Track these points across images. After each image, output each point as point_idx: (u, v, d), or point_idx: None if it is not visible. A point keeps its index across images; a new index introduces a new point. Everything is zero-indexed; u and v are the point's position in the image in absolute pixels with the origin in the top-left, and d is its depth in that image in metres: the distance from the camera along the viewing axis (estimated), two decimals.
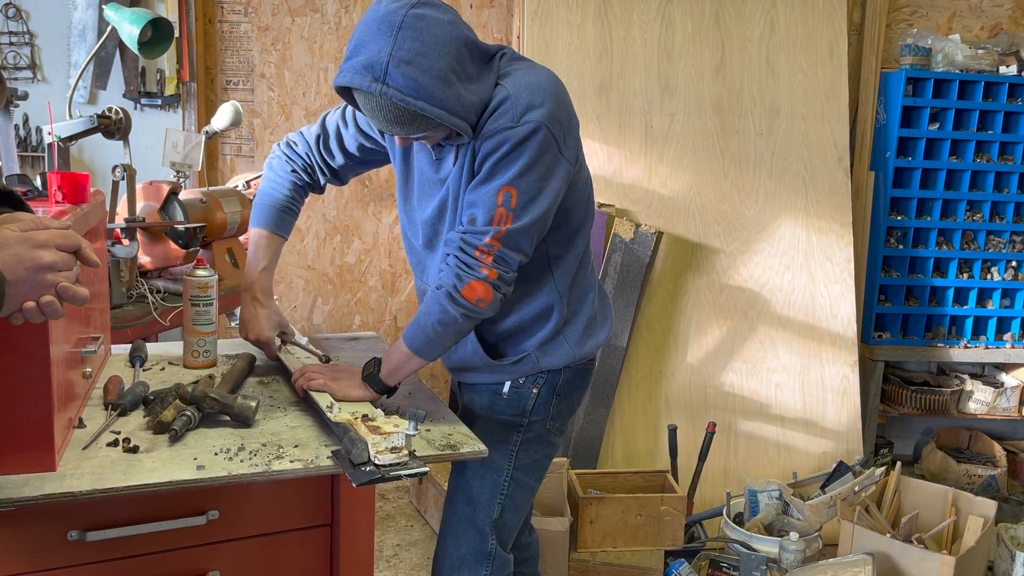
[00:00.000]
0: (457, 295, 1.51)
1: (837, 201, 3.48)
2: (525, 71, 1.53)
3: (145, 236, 2.45)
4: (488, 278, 1.51)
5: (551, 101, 1.50)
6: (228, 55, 3.53)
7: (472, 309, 1.52)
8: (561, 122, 1.51)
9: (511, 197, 1.48)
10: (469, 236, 1.51)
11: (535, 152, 1.47)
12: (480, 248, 1.50)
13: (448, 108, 1.41)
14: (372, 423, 1.36)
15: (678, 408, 3.33)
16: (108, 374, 1.60)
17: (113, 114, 2.33)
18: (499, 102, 1.48)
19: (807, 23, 3.51)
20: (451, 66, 1.41)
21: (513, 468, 1.74)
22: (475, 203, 1.51)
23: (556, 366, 1.72)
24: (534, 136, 1.46)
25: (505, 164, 1.48)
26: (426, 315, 1.54)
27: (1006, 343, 3.75)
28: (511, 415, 1.74)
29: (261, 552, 1.39)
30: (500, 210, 1.49)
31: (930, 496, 2.94)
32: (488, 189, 1.50)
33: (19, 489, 1.16)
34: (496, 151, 1.48)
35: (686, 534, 2.83)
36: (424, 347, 1.56)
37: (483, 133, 1.49)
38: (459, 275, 1.51)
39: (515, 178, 1.48)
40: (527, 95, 1.48)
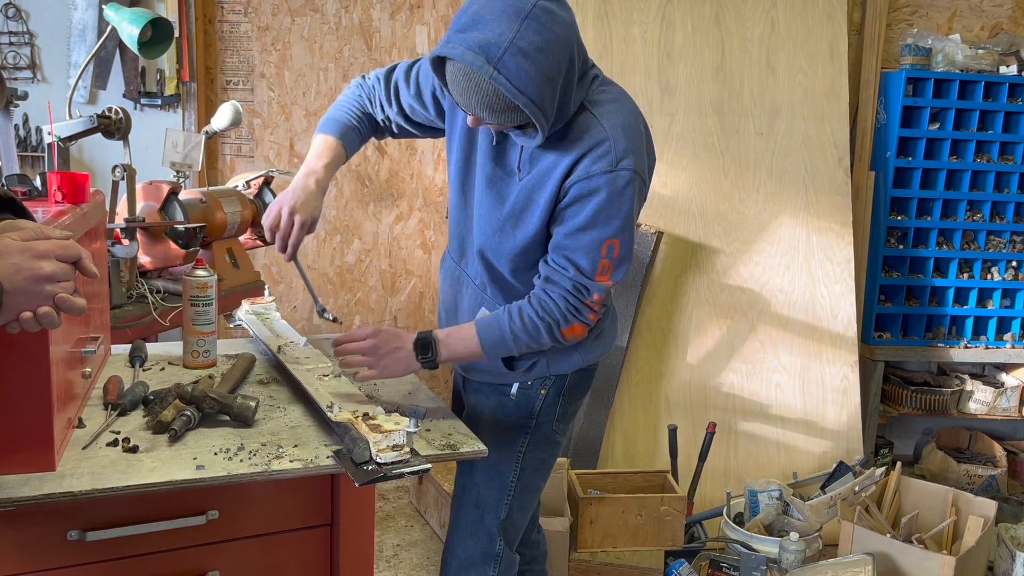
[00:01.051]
0: (558, 332, 1.58)
1: (837, 201, 3.48)
2: (617, 106, 1.54)
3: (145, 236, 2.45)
4: (591, 324, 1.60)
5: (643, 146, 1.54)
6: (228, 55, 3.53)
7: (562, 342, 1.60)
8: (645, 164, 1.56)
9: (614, 249, 1.53)
10: (581, 288, 1.55)
11: (632, 201, 1.52)
12: (590, 301, 1.56)
13: (544, 110, 1.40)
14: (373, 421, 1.36)
15: (678, 408, 3.33)
16: (108, 374, 1.60)
17: (113, 114, 2.33)
18: (596, 142, 1.49)
19: (807, 23, 3.51)
20: (561, 69, 1.39)
21: (520, 470, 1.75)
22: (578, 251, 1.54)
23: (565, 371, 1.73)
24: (630, 185, 1.50)
25: (607, 214, 1.50)
26: (516, 330, 1.58)
27: (1006, 343, 3.75)
28: (519, 417, 1.74)
29: (261, 552, 1.39)
30: (604, 261, 1.53)
31: (930, 496, 2.94)
32: (592, 238, 1.52)
33: (19, 489, 1.16)
34: (593, 196, 1.49)
35: (686, 534, 2.83)
36: (496, 352, 1.61)
37: (578, 171, 1.50)
38: (566, 316, 1.56)
39: (619, 231, 1.52)
40: (624, 140, 1.50)
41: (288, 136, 3.61)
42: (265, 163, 3.60)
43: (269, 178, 3.02)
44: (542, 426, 1.75)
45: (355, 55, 3.59)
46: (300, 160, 3.62)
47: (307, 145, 3.62)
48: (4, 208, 1.13)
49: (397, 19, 3.60)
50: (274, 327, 1.95)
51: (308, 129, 3.61)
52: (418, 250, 3.79)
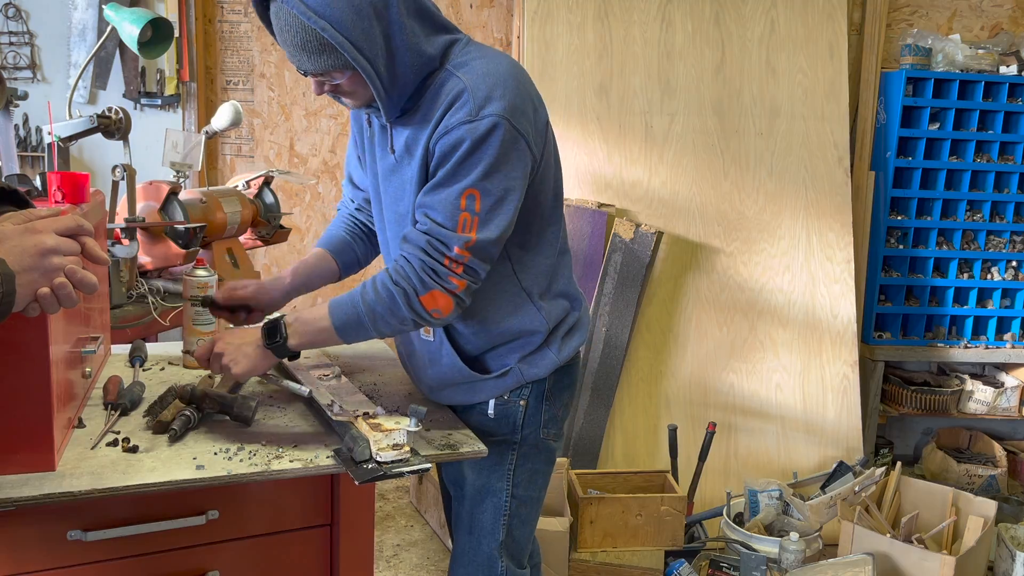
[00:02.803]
0: (415, 299, 1.41)
1: (837, 201, 3.48)
2: (481, 60, 1.42)
3: (145, 236, 2.45)
4: (456, 289, 1.41)
5: (512, 91, 1.39)
6: (228, 55, 3.53)
7: (424, 317, 1.43)
8: (525, 113, 1.41)
9: (475, 200, 1.38)
10: (436, 242, 1.40)
11: (498, 149, 1.37)
12: (449, 257, 1.39)
13: (355, 42, 1.30)
14: (373, 421, 1.36)
15: (678, 408, 3.32)
16: (108, 374, 1.60)
17: (113, 114, 2.33)
18: (456, 95, 1.38)
19: (807, 23, 3.51)
20: (373, 1, 1.31)
21: (512, 487, 1.64)
22: (434, 206, 1.40)
23: (543, 375, 1.60)
24: (495, 132, 1.36)
25: (467, 165, 1.37)
26: (369, 302, 1.42)
27: (1006, 343, 3.75)
28: (502, 434, 1.62)
29: (261, 552, 1.39)
30: (464, 215, 1.38)
31: (930, 496, 2.94)
32: (450, 192, 1.39)
33: (19, 489, 1.16)
34: (456, 149, 1.37)
35: (686, 534, 2.82)
36: (349, 331, 1.45)
37: (439, 129, 1.39)
38: (423, 280, 1.40)
39: (479, 180, 1.37)
40: (485, 86, 1.37)
41: (288, 136, 3.61)
42: (265, 163, 3.60)
43: (269, 178, 3.02)
44: (529, 437, 1.63)
45: None
46: (300, 160, 3.63)
47: (307, 145, 3.63)
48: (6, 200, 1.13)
49: None
50: None
51: (308, 129, 3.61)
52: None
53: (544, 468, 1.70)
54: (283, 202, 3.21)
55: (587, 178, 3.37)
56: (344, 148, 3.64)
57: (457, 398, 1.61)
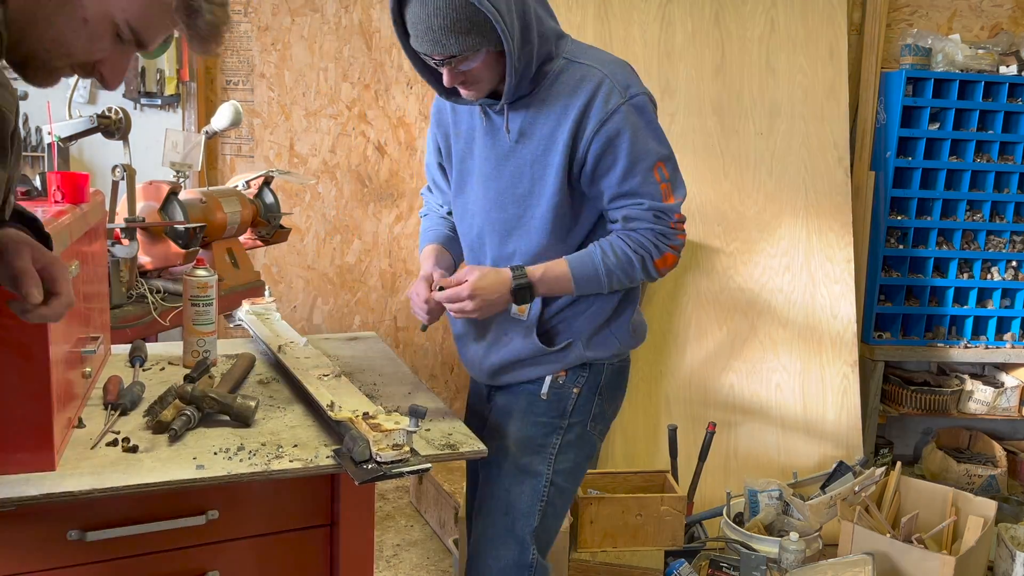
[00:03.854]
0: (651, 264, 1.55)
1: (837, 201, 3.48)
2: (591, 50, 1.56)
3: (145, 236, 2.45)
4: (681, 247, 1.58)
5: (632, 75, 1.54)
6: (228, 55, 3.53)
7: (654, 276, 1.58)
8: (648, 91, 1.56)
9: (663, 170, 1.53)
10: (658, 211, 1.53)
11: (654, 120, 1.52)
12: (674, 223, 1.55)
13: (503, 16, 1.38)
14: (373, 421, 1.36)
15: (678, 408, 3.32)
16: (108, 374, 1.60)
17: (113, 114, 2.33)
18: (597, 84, 1.49)
19: (807, 23, 3.51)
20: None
21: (553, 473, 1.65)
22: (639, 189, 1.52)
23: (601, 358, 1.66)
24: (647, 106, 1.51)
25: (641, 141, 1.50)
26: (610, 265, 1.55)
27: (1006, 343, 3.75)
28: (550, 417, 1.66)
29: (261, 552, 1.39)
30: (663, 185, 1.53)
31: (930, 496, 2.94)
32: (643, 171, 1.51)
33: (19, 489, 1.16)
34: (623, 132, 1.48)
35: (686, 534, 2.82)
36: (588, 287, 1.58)
37: (592, 117, 1.48)
38: (657, 244, 1.55)
39: (657, 151, 1.52)
40: (621, 73, 1.51)
41: (288, 136, 3.61)
42: (265, 163, 3.60)
43: (269, 178, 3.02)
44: (575, 427, 1.67)
45: (355, 55, 3.59)
46: (300, 160, 3.63)
47: (307, 145, 3.62)
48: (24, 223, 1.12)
49: None
50: (274, 327, 1.95)
51: (308, 129, 3.61)
52: (418, 250, 3.78)
53: (583, 463, 1.73)
54: (283, 202, 3.21)
55: None
56: (344, 148, 3.65)
57: (518, 378, 1.68)
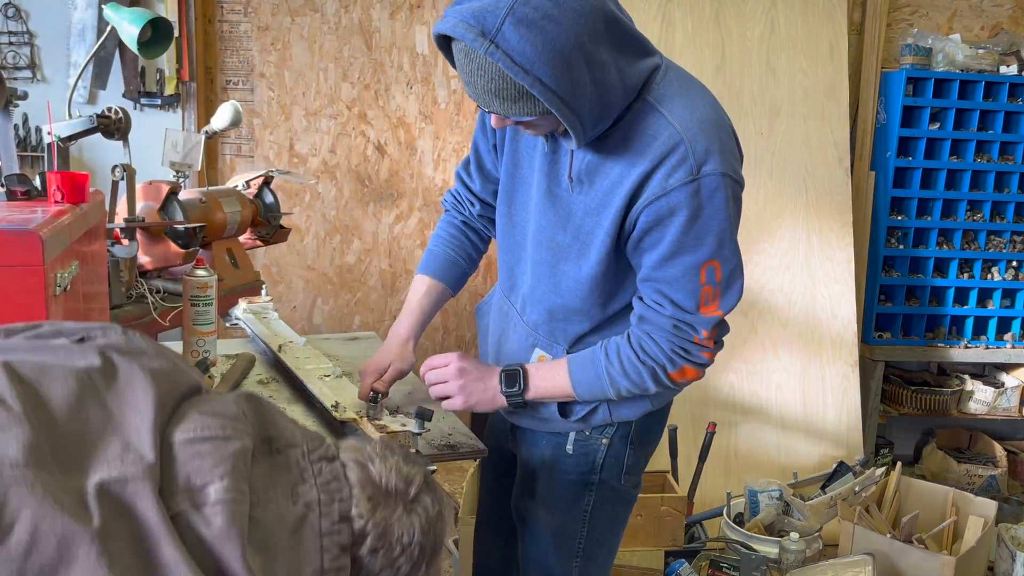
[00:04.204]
0: (664, 376, 1.34)
1: (837, 201, 3.48)
2: (687, 97, 1.27)
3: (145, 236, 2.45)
4: (705, 364, 1.35)
5: (727, 140, 1.27)
6: (228, 55, 3.53)
7: (672, 388, 1.38)
8: (736, 167, 1.28)
9: (715, 272, 1.27)
10: (683, 326, 1.30)
11: (726, 211, 1.24)
12: (699, 339, 1.31)
13: (562, 95, 1.13)
14: (378, 422, 1.36)
15: (678, 408, 3.31)
16: None
17: (113, 114, 2.32)
18: (669, 148, 1.22)
19: (807, 23, 3.50)
20: (581, 43, 1.12)
21: (589, 530, 1.51)
22: (671, 283, 1.28)
23: (630, 418, 1.47)
24: (719, 192, 1.23)
25: (697, 233, 1.24)
26: (614, 374, 1.35)
27: (1007, 343, 3.75)
28: (579, 472, 1.49)
29: None
30: (707, 289, 1.27)
31: (930, 496, 2.94)
32: (685, 266, 1.26)
33: None
34: (677, 213, 1.23)
35: (686, 534, 2.82)
36: (589, 395, 1.39)
37: (652, 186, 1.24)
38: (672, 359, 1.32)
39: (716, 251, 1.26)
40: (704, 138, 1.23)
41: (288, 136, 3.61)
42: (265, 163, 3.60)
43: (269, 178, 3.02)
44: (608, 481, 1.50)
45: (355, 55, 3.59)
46: (300, 160, 3.63)
47: (307, 145, 3.62)
48: None
49: (397, 19, 3.60)
50: (272, 327, 1.95)
51: (308, 129, 3.61)
52: (418, 250, 3.78)
53: (623, 514, 1.59)
54: (283, 202, 3.21)
55: None
56: (343, 148, 3.64)
57: (543, 427, 1.51)
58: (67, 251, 1.32)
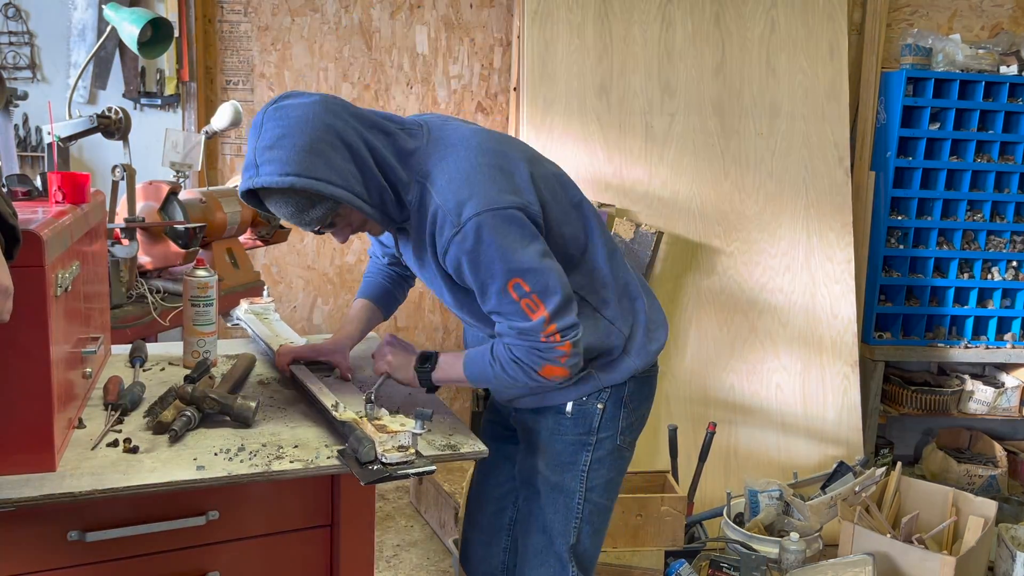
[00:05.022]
0: (534, 374, 1.49)
1: (837, 201, 3.48)
2: (441, 163, 1.45)
3: (145, 236, 2.45)
4: (564, 356, 1.47)
5: (480, 183, 1.43)
6: (228, 55, 3.53)
7: (551, 382, 1.52)
8: (501, 190, 1.43)
9: (521, 286, 1.42)
10: (521, 331, 1.46)
11: (496, 240, 1.40)
12: (547, 339, 1.45)
13: (324, 178, 1.34)
14: (378, 422, 1.36)
15: (678, 408, 3.32)
16: (108, 374, 1.60)
17: (113, 114, 2.33)
18: (433, 217, 1.43)
19: (807, 23, 3.51)
20: (320, 138, 1.35)
21: (586, 490, 1.66)
22: (499, 310, 1.46)
23: (619, 381, 1.65)
24: (483, 230, 1.39)
25: (484, 268, 1.42)
26: (497, 372, 1.52)
27: (1007, 343, 3.75)
28: (578, 434, 1.65)
29: (261, 552, 1.39)
30: (525, 301, 1.43)
31: (931, 496, 2.94)
32: (497, 295, 1.44)
33: (19, 489, 1.16)
34: (462, 264, 1.43)
35: (686, 534, 2.82)
36: (482, 384, 1.61)
37: (439, 250, 1.46)
38: (533, 361, 1.48)
39: (507, 271, 1.41)
40: (453, 197, 1.41)
41: None
42: None
43: None
44: (605, 441, 1.66)
45: (355, 55, 3.59)
46: None
47: None
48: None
49: (397, 19, 3.60)
50: (273, 327, 1.95)
51: None
52: None
53: (617, 478, 1.73)
54: None
55: (587, 178, 3.37)
56: None
57: (535, 403, 1.67)
58: (68, 251, 1.32)
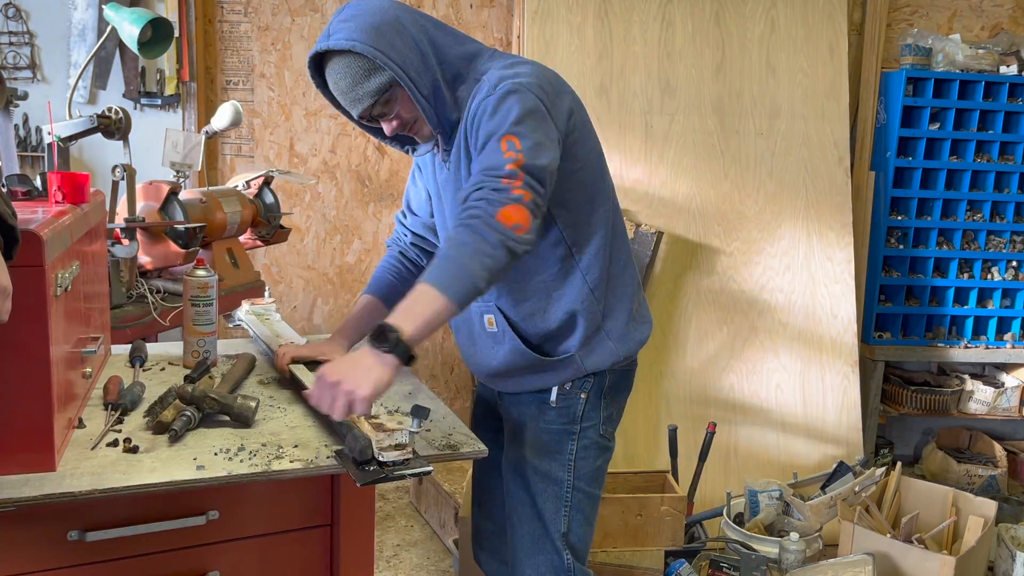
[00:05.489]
0: (493, 221, 1.35)
1: (837, 201, 3.48)
2: (506, 62, 1.55)
3: (145, 236, 2.45)
4: (523, 199, 1.38)
5: (526, 75, 1.50)
6: (228, 55, 3.53)
7: (510, 235, 1.36)
8: (543, 88, 1.50)
9: (514, 143, 1.42)
10: (489, 170, 1.42)
11: (520, 105, 1.45)
12: (504, 175, 1.40)
13: (384, 51, 1.46)
14: (375, 420, 1.36)
15: (678, 408, 3.32)
16: (108, 374, 1.60)
17: (113, 114, 2.33)
18: (476, 89, 1.52)
19: (807, 23, 3.51)
20: (388, 23, 1.48)
21: (574, 479, 1.68)
22: (481, 161, 1.44)
23: (601, 367, 1.66)
24: (514, 93, 1.46)
25: (496, 120, 1.45)
26: (455, 247, 1.36)
27: (1006, 343, 3.75)
28: (562, 423, 1.68)
29: (261, 552, 1.39)
30: (509, 154, 1.42)
31: (930, 496, 2.94)
32: (490, 145, 1.44)
33: (19, 489, 1.16)
34: (482, 115, 1.48)
35: (686, 534, 2.82)
36: (453, 283, 1.34)
37: (469, 114, 1.51)
38: (489, 200, 1.37)
39: (512, 127, 1.43)
40: (498, 75, 1.50)
41: (288, 136, 3.61)
42: (265, 163, 3.60)
43: (269, 178, 3.02)
44: (588, 431, 1.68)
45: None
46: (300, 160, 3.63)
47: (307, 145, 3.62)
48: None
49: None
50: (274, 327, 1.95)
51: (308, 129, 3.61)
52: None
53: (604, 466, 1.75)
54: (283, 202, 3.21)
55: None
56: (344, 148, 3.65)
57: (521, 385, 1.69)
58: (68, 251, 1.32)
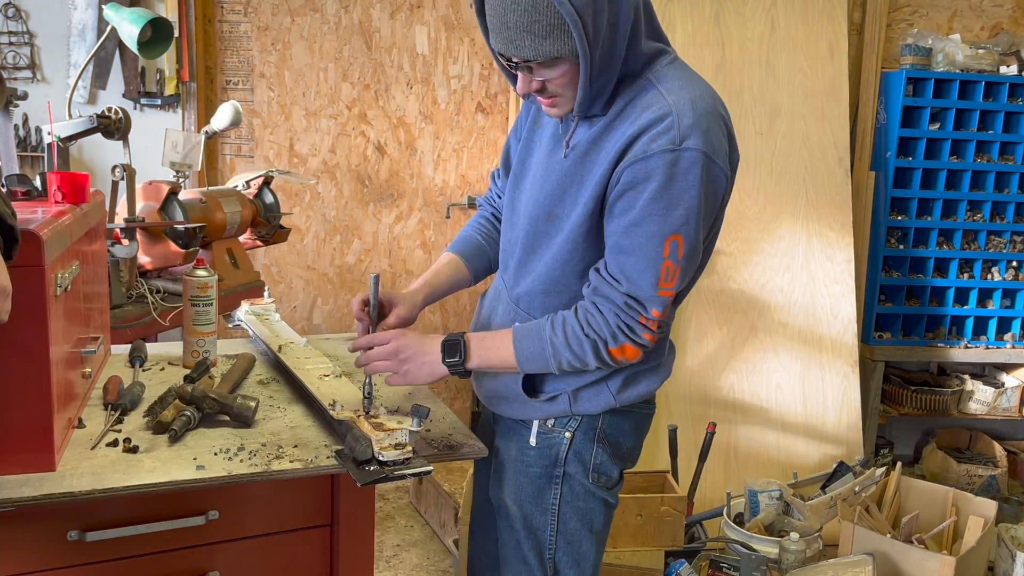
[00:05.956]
0: (605, 351, 1.34)
1: (837, 201, 3.48)
2: (686, 81, 1.33)
3: (145, 236, 2.45)
4: (648, 344, 1.34)
5: (716, 128, 1.29)
6: (228, 55, 3.53)
7: (610, 364, 1.37)
8: (724, 154, 1.31)
9: (678, 247, 1.28)
10: (635, 303, 1.31)
11: (699, 188, 1.26)
12: (646, 317, 1.31)
13: (586, 24, 1.20)
14: (375, 420, 1.36)
15: (678, 408, 3.32)
16: (108, 374, 1.60)
17: (113, 114, 2.33)
18: (659, 116, 1.27)
19: (807, 23, 3.51)
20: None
21: (558, 523, 1.49)
22: (635, 251, 1.29)
23: (591, 411, 1.45)
24: (695, 168, 1.25)
25: (667, 203, 1.26)
26: (557, 345, 1.35)
27: (1006, 343, 3.75)
28: (541, 467, 1.48)
29: (261, 552, 1.39)
30: (667, 264, 1.28)
31: (930, 496, 2.94)
32: (650, 233, 1.27)
33: (19, 489, 1.16)
34: (651, 180, 1.26)
35: (686, 534, 2.82)
36: (531, 364, 1.39)
37: (635, 149, 1.28)
38: (615, 335, 1.33)
39: (683, 224, 1.27)
40: (691, 116, 1.26)
41: (288, 136, 3.61)
42: (265, 163, 3.60)
43: (269, 178, 3.02)
44: (573, 476, 1.47)
45: (355, 55, 3.59)
46: (300, 160, 3.63)
47: (307, 145, 3.62)
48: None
49: (397, 19, 3.60)
50: (274, 328, 1.95)
51: (308, 129, 3.61)
52: (418, 250, 3.79)
53: (598, 510, 1.52)
54: (283, 202, 3.21)
55: None
56: (343, 148, 3.65)
57: (507, 411, 1.52)
58: (67, 251, 1.32)
